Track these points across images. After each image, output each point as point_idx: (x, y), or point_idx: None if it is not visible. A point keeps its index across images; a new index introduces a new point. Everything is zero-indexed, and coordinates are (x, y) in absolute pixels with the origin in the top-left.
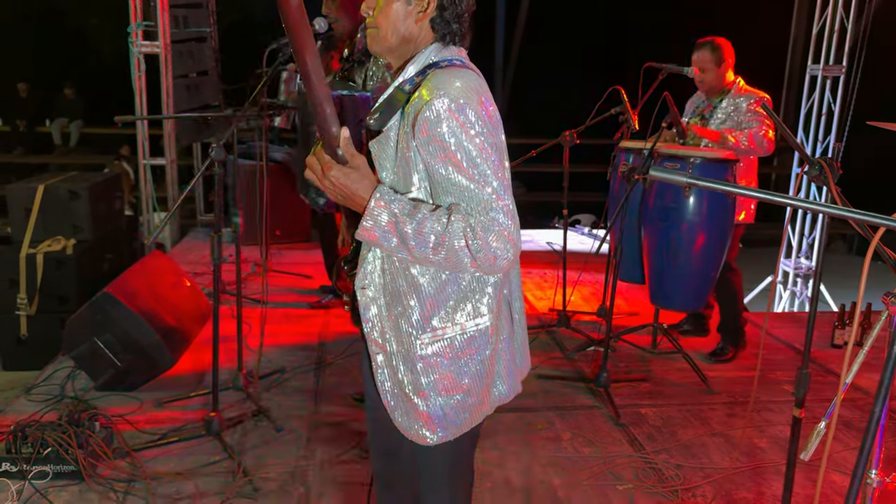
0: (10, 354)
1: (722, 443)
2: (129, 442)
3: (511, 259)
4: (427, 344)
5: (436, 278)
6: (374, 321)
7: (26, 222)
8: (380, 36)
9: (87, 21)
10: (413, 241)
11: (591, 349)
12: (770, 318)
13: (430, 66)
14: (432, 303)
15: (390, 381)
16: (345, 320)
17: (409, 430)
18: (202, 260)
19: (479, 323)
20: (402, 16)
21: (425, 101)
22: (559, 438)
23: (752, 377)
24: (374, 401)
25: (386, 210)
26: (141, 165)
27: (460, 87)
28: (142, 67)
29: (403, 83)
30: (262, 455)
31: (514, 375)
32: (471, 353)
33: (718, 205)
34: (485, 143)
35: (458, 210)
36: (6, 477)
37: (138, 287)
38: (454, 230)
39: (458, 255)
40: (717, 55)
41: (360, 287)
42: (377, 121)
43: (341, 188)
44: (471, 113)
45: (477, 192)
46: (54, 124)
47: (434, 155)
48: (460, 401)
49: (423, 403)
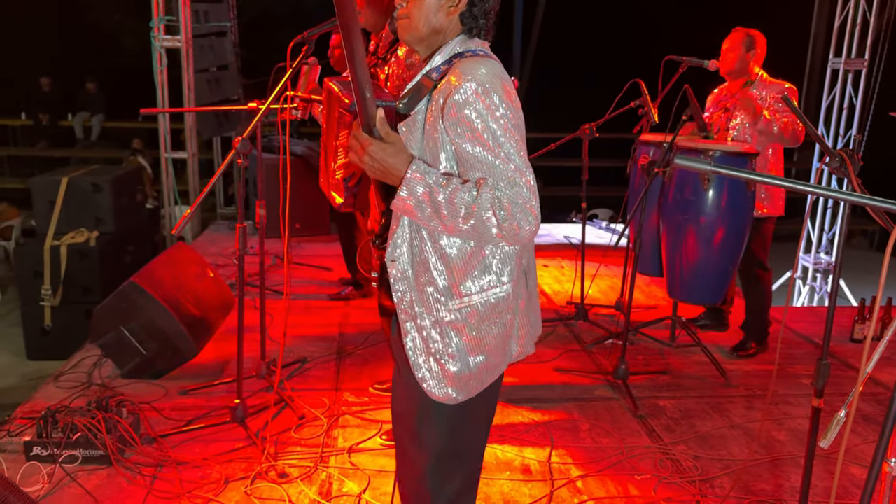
0: (34, 344)
1: (740, 435)
2: (156, 428)
3: (533, 230)
4: (454, 310)
5: (462, 249)
6: (404, 291)
7: (50, 215)
8: (411, 26)
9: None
10: (445, 211)
11: (610, 342)
12: (789, 313)
13: (456, 56)
14: (459, 272)
15: (419, 346)
16: (364, 311)
17: (437, 391)
18: (223, 252)
19: (501, 290)
20: (434, 8)
21: (454, 85)
22: (577, 429)
23: (770, 371)
24: (402, 367)
25: (422, 181)
26: (163, 159)
27: (486, 73)
28: (163, 62)
29: (430, 71)
30: (285, 442)
31: (529, 337)
32: (493, 318)
33: (738, 198)
34: (508, 124)
35: (485, 184)
36: (38, 460)
37: (164, 277)
38: (482, 201)
39: (486, 225)
40: (749, 40)
41: (390, 260)
42: (406, 105)
43: (381, 162)
44: (495, 96)
45: (502, 168)
46: (76, 118)
47: (462, 135)
48: (483, 361)
49: (451, 364)
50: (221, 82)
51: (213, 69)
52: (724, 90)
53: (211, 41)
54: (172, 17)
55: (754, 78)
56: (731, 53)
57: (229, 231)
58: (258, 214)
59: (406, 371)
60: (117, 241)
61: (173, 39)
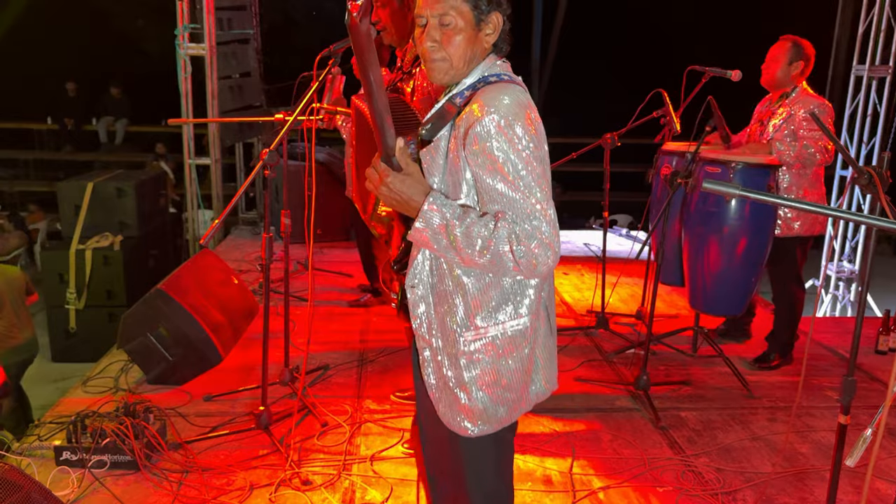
0: (59, 347)
1: (763, 447)
2: (182, 434)
3: (551, 265)
4: (470, 341)
5: (480, 280)
6: (422, 318)
7: (76, 219)
8: (452, 67)
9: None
10: (462, 244)
11: (632, 352)
12: (813, 324)
13: (481, 81)
14: (476, 302)
15: (435, 374)
16: (385, 318)
17: (452, 422)
18: (246, 258)
19: (518, 323)
20: (472, 43)
21: (476, 116)
22: (599, 439)
23: (793, 382)
24: (422, 392)
25: (438, 213)
26: (186, 165)
27: (509, 104)
28: (188, 69)
29: (454, 96)
30: (309, 449)
31: (552, 373)
32: (511, 352)
33: (761, 210)
34: (530, 157)
35: (504, 217)
36: (67, 465)
37: (190, 284)
38: (500, 236)
39: (502, 259)
40: (794, 51)
41: (409, 286)
42: (429, 131)
43: (397, 193)
44: (518, 128)
45: (522, 202)
46: (101, 123)
47: (483, 166)
48: (500, 395)
49: (465, 397)
50: (244, 89)
51: (236, 76)
52: (766, 100)
53: (234, 48)
54: (197, 24)
55: (791, 90)
56: (774, 63)
57: (251, 237)
58: (283, 223)
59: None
60: (141, 245)
61: (197, 47)
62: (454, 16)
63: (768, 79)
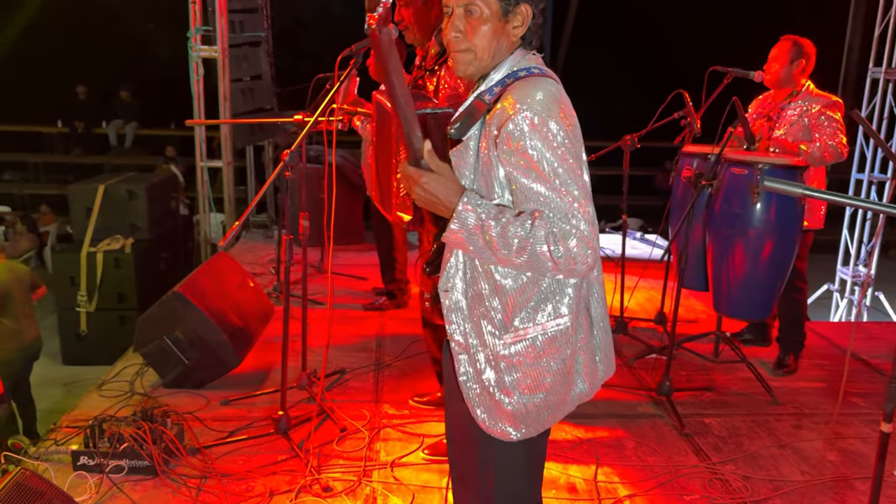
0: (69, 349)
1: (790, 454)
2: (200, 439)
3: (590, 264)
4: (510, 344)
5: (517, 280)
6: (457, 322)
7: (87, 221)
8: (476, 58)
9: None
10: (497, 244)
11: (654, 356)
12: (832, 328)
13: (509, 76)
14: (514, 304)
15: (473, 379)
16: (400, 322)
17: (493, 427)
18: (259, 260)
19: (559, 323)
20: (498, 34)
21: (508, 114)
22: (622, 446)
23: (818, 388)
24: (453, 395)
25: (473, 213)
26: (198, 167)
27: (542, 100)
28: (200, 71)
29: (483, 93)
30: (328, 454)
31: (595, 374)
32: (552, 353)
33: (787, 211)
34: (566, 154)
35: (541, 216)
36: (84, 470)
37: (206, 287)
38: (537, 235)
39: (540, 259)
40: (795, 50)
41: (443, 289)
42: (458, 130)
43: (431, 193)
44: (552, 124)
45: (559, 201)
46: (111, 126)
47: (517, 166)
48: (543, 399)
49: (507, 401)
50: (256, 92)
51: (247, 79)
52: (768, 97)
53: (245, 51)
54: (209, 27)
55: (800, 89)
56: (776, 63)
57: (263, 239)
58: (301, 226)
59: (460, 402)
60: (152, 248)
61: (210, 50)
62: (480, 5)
63: (772, 78)
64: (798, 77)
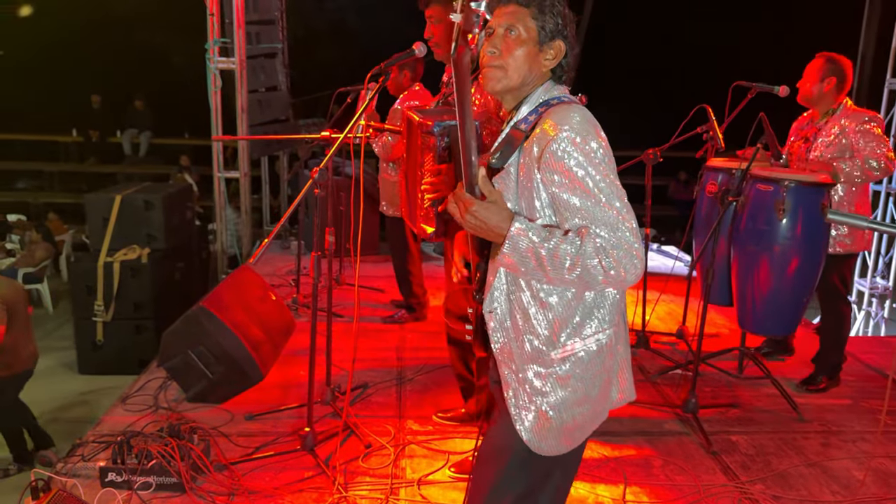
0: (86, 359)
1: (819, 474)
2: (226, 455)
3: (639, 274)
4: (557, 360)
5: (562, 297)
6: (504, 342)
7: (104, 231)
8: (506, 76)
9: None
10: (549, 264)
11: (679, 372)
12: (854, 343)
13: (542, 105)
14: (560, 321)
15: (522, 396)
16: (420, 335)
17: (541, 443)
18: (277, 272)
19: (603, 336)
20: (530, 59)
21: (550, 136)
22: (650, 465)
23: (844, 405)
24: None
25: (525, 237)
26: (216, 178)
27: (579, 121)
28: (218, 83)
29: (519, 122)
30: (354, 471)
31: (623, 382)
32: (597, 365)
33: (814, 228)
34: (606, 170)
35: (588, 232)
36: (112, 486)
37: (231, 301)
38: (586, 251)
39: (592, 274)
40: (826, 69)
41: (487, 311)
42: (498, 159)
43: (483, 220)
44: (593, 143)
45: (603, 214)
46: (125, 135)
47: (561, 184)
48: (589, 410)
49: (557, 416)
50: (272, 102)
51: (262, 90)
52: (806, 118)
53: (261, 62)
54: (227, 39)
55: (836, 107)
56: (808, 81)
57: (280, 251)
58: (327, 242)
59: (507, 420)
60: (168, 257)
61: (227, 61)
62: (520, 28)
63: (804, 95)
64: (832, 95)
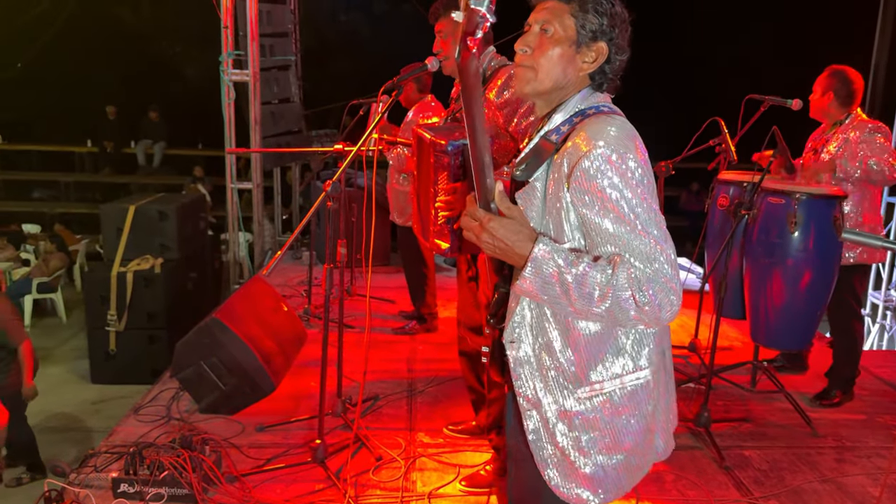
0: (99, 368)
1: (834, 490)
2: (237, 466)
3: (676, 310)
4: (583, 399)
5: (591, 329)
6: (525, 376)
7: (118, 241)
8: (536, 78)
9: (172, 48)
10: (575, 293)
11: (693, 386)
12: (868, 357)
13: (578, 115)
14: (589, 355)
15: (544, 438)
16: (431, 346)
17: (566, 491)
18: (289, 282)
19: (639, 377)
20: (565, 61)
21: (582, 151)
22: (662, 479)
23: (858, 420)
24: (519, 454)
25: (550, 260)
26: (228, 189)
27: (616, 136)
28: (231, 95)
29: (549, 132)
30: (364, 484)
31: (669, 429)
32: (632, 409)
33: (826, 241)
34: (645, 192)
35: (621, 261)
36: (125, 498)
37: (243, 313)
38: (619, 282)
39: (623, 307)
40: (829, 81)
41: (509, 341)
42: (524, 172)
43: (502, 240)
44: (631, 162)
45: (640, 243)
46: (139, 146)
47: (592, 206)
48: (622, 461)
49: (583, 462)
50: (285, 114)
51: (275, 102)
52: (819, 130)
53: (274, 74)
54: (240, 51)
55: (844, 118)
56: (813, 95)
57: (291, 261)
58: (339, 254)
59: (529, 462)
60: (181, 267)
61: (241, 73)
62: (556, 25)
63: (812, 108)
64: (835, 108)
